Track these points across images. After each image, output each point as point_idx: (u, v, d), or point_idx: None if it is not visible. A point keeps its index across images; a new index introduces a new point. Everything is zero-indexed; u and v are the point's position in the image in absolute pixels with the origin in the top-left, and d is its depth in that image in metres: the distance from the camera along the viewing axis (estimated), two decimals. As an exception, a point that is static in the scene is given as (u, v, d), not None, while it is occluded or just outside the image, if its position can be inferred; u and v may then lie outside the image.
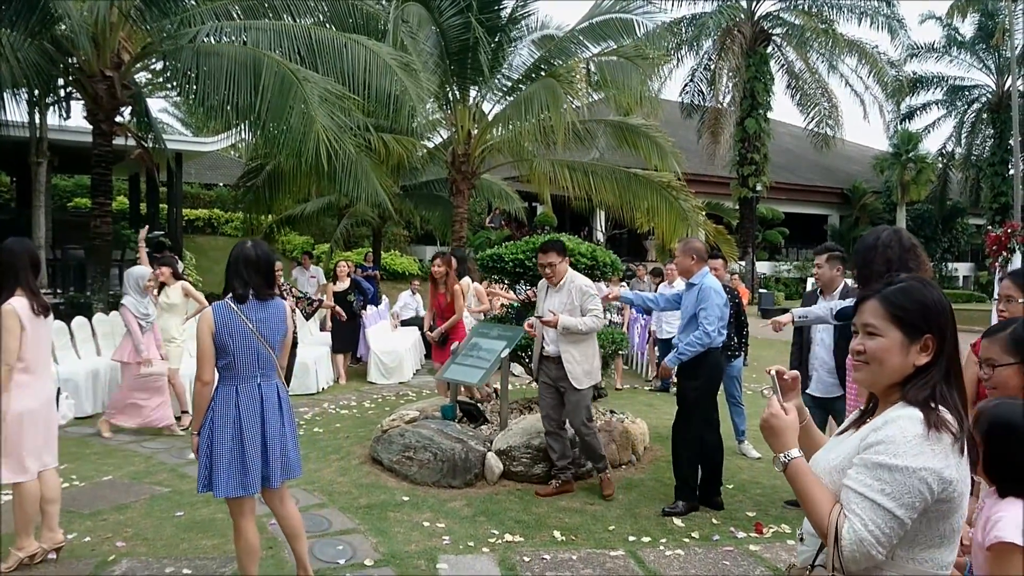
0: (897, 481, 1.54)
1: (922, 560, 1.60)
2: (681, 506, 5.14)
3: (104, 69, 10.12)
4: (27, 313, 3.94)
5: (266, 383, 3.52)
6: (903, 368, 1.67)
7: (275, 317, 3.55)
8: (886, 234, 2.89)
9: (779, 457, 1.72)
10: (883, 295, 1.72)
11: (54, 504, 4.17)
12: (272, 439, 3.48)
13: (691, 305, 5.20)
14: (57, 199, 20.92)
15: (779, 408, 1.77)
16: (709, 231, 14.35)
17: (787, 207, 29.21)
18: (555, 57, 13.29)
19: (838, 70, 24.73)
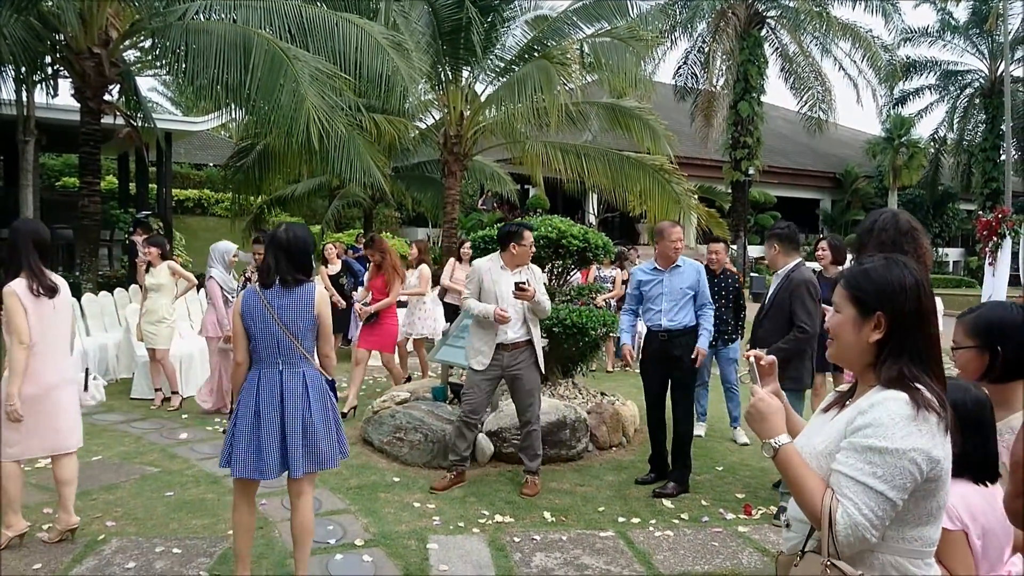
0: (888, 463, 1.56)
1: (911, 539, 1.62)
2: (672, 487, 5.17)
3: (92, 46, 10.01)
4: (27, 294, 3.91)
5: (289, 371, 3.44)
6: (858, 344, 1.71)
7: (300, 304, 3.44)
8: (883, 217, 2.87)
9: (769, 443, 1.73)
10: (846, 275, 1.79)
11: (69, 486, 4.14)
12: (292, 427, 3.39)
13: (680, 287, 5.20)
14: (45, 178, 20.75)
15: (763, 394, 1.79)
16: (701, 214, 14.34)
17: (779, 191, 29.22)
18: (548, 38, 13.22)
19: (832, 54, 24.66)
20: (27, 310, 3.89)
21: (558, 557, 4.10)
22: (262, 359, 3.46)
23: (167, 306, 7.42)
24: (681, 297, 5.20)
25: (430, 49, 12.68)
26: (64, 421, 4.13)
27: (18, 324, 3.85)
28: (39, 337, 3.97)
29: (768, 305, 4.91)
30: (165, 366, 7.42)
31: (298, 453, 3.41)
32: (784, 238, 4.88)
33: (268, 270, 3.46)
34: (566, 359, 6.85)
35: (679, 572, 3.99)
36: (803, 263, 4.93)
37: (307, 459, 3.45)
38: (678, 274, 5.23)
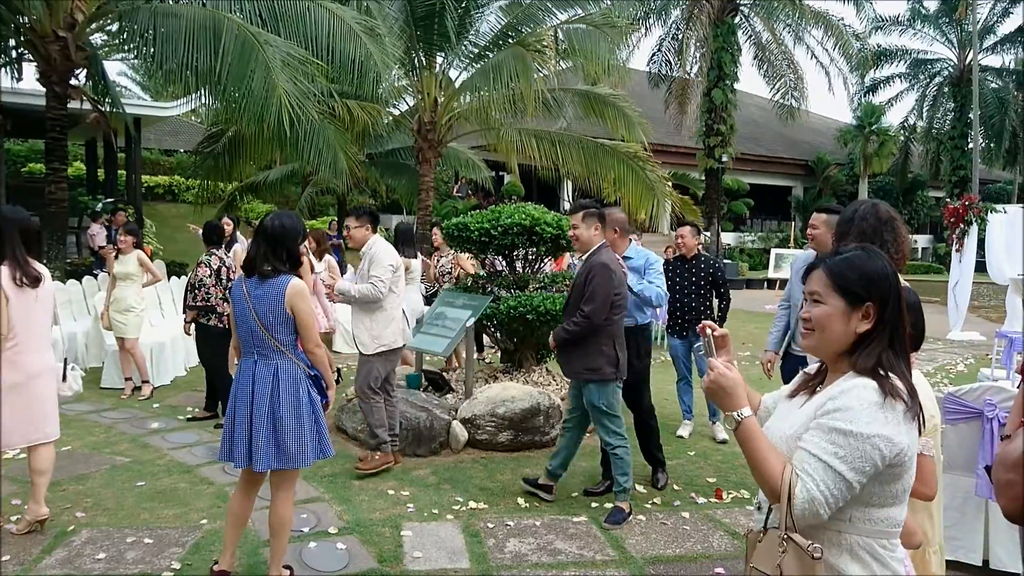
0: (851, 446, 1.60)
1: (877, 520, 1.67)
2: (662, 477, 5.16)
3: (57, 29, 9.80)
4: (9, 284, 3.86)
5: (263, 362, 3.39)
6: (846, 335, 1.72)
7: (270, 296, 3.35)
8: (863, 207, 2.91)
9: (732, 415, 1.74)
10: (827, 264, 1.78)
11: (44, 476, 4.10)
12: (258, 420, 3.34)
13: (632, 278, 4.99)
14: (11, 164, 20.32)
15: (723, 367, 1.79)
16: (675, 201, 14.40)
17: (752, 178, 29.42)
18: (523, 24, 13.16)
19: (804, 42, 24.78)
20: (9, 300, 3.84)
21: (531, 543, 4.14)
22: (242, 348, 3.48)
23: (135, 295, 7.32)
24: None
25: (403, 34, 12.56)
26: (44, 411, 4.09)
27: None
28: (22, 327, 3.92)
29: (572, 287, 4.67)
30: (135, 355, 7.34)
31: (263, 447, 3.34)
32: (603, 216, 4.57)
33: (251, 258, 3.44)
34: (540, 346, 6.87)
35: (651, 556, 4.04)
36: (607, 244, 4.60)
37: (273, 454, 3.35)
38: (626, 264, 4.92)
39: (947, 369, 9.98)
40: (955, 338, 12.75)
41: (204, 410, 6.62)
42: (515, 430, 5.70)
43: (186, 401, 7.20)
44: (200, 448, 5.69)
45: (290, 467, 3.40)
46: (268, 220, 3.47)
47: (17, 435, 4.00)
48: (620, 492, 4.53)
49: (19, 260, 3.94)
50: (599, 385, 4.47)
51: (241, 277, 3.50)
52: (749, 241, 28.91)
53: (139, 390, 7.34)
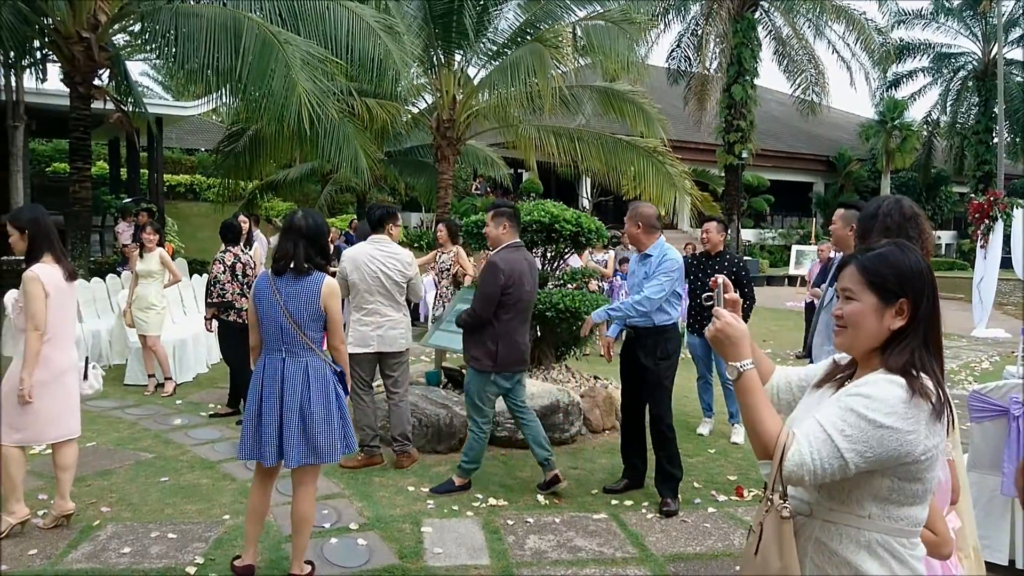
0: (861, 428, 1.57)
1: (897, 518, 1.65)
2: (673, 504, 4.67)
3: (80, 30, 9.91)
4: (53, 280, 3.95)
5: (292, 359, 3.42)
6: (879, 332, 1.69)
7: (305, 293, 3.40)
8: (887, 203, 2.86)
9: (735, 366, 1.73)
10: (860, 261, 1.74)
11: (68, 472, 4.16)
12: (289, 417, 3.38)
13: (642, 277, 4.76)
14: (35, 164, 20.58)
15: (730, 317, 1.78)
16: (696, 197, 14.33)
17: (772, 174, 29.21)
18: (541, 21, 13.15)
19: (825, 36, 24.59)
20: (50, 296, 3.91)
21: (551, 540, 4.14)
22: (268, 345, 3.47)
23: (157, 293, 7.40)
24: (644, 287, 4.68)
25: (422, 32, 12.59)
26: (70, 407, 4.17)
27: (37, 310, 3.88)
28: (56, 322, 4.00)
29: None
30: (157, 352, 7.41)
31: (294, 443, 3.39)
32: (512, 217, 4.79)
33: (284, 256, 3.44)
34: (559, 343, 6.87)
35: (671, 554, 4.03)
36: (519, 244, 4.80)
37: (304, 450, 3.41)
38: (645, 262, 4.77)
39: (972, 366, 9.87)
40: (980, 335, 12.60)
41: (226, 406, 6.68)
42: (534, 427, 5.69)
43: (208, 398, 7.27)
44: (222, 444, 5.74)
45: (321, 462, 3.48)
46: (300, 219, 3.49)
47: (47, 431, 4.06)
48: (460, 468, 4.84)
49: (61, 256, 4.05)
50: (474, 372, 4.75)
51: (266, 275, 3.50)
52: (769, 238, 28.72)
53: (162, 387, 7.42)
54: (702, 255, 6.30)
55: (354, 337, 5.15)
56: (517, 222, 4.83)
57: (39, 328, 3.88)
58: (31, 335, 3.87)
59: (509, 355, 4.70)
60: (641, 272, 4.78)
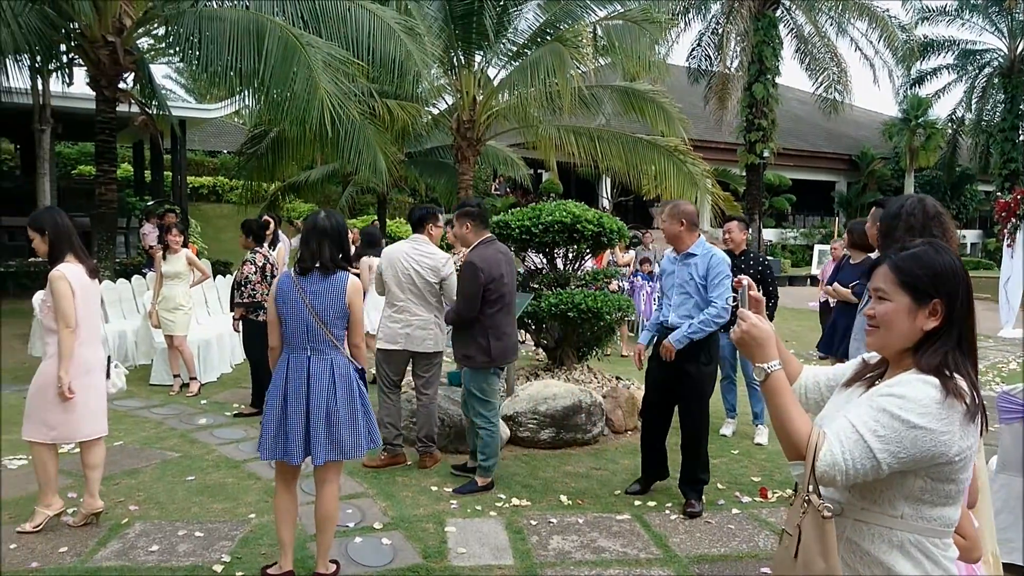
0: (894, 428, 1.56)
1: (930, 518, 1.64)
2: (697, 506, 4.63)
3: (106, 34, 10.04)
4: (78, 278, 4.01)
5: (317, 357, 3.46)
6: (912, 333, 1.67)
7: (332, 291, 3.46)
8: (910, 202, 2.83)
9: (762, 367, 1.72)
10: (893, 260, 1.72)
11: (97, 470, 4.22)
12: (315, 414, 3.41)
13: (687, 278, 4.62)
14: (61, 166, 20.87)
15: (756, 319, 1.77)
16: (717, 197, 14.26)
17: (794, 173, 28.96)
18: (561, 20, 13.13)
19: (848, 34, 24.32)
20: (76, 294, 3.98)
21: (575, 540, 4.13)
22: (292, 344, 3.50)
23: (184, 293, 7.49)
24: (691, 290, 4.58)
25: (442, 33, 12.62)
26: (99, 406, 4.23)
27: (66, 308, 3.94)
28: (83, 319, 4.07)
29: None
30: (183, 352, 7.50)
31: (320, 440, 3.42)
32: (475, 216, 4.92)
33: (309, 256, 3.48)
34: (581, 343, 6.86)
35: (696, 555, 4.01)
36: (491, 239, 4.96)
37: (330, 447, 3.45)
38: (688, 263, 4.62)
39: (999, 367, 9.73)
40: (1007, 335, 12.43)
41: (250, 406, 6.74)
42: (557, 428, 5.70)
43: (232, 397, 7.33)
44: (247, 444, 5.78)
45: (347, 458, 3.52)
46: (323, 219, 3.54)
47: (80, 428, 4.12)
48: (480, 469, 4.88)
49: (84, 254, 4.12)
50: (472, 371, 4.87)
51: (288, 275, 3.53)
52: (791, 237, 28.50)
53: (187, 387, 7.50)
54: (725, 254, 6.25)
55: (383, 333, 5.23)
56: (480, 219, 4.97)
57: (70, 325, 3.94)
58: (64, 333, 3.93)
59: (502, 348, 4.88)
60: (685, 273, 4.61)
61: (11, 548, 3.87)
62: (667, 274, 4.82)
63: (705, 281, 4.55)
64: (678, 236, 4.64)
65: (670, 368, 4.61)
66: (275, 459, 3.49)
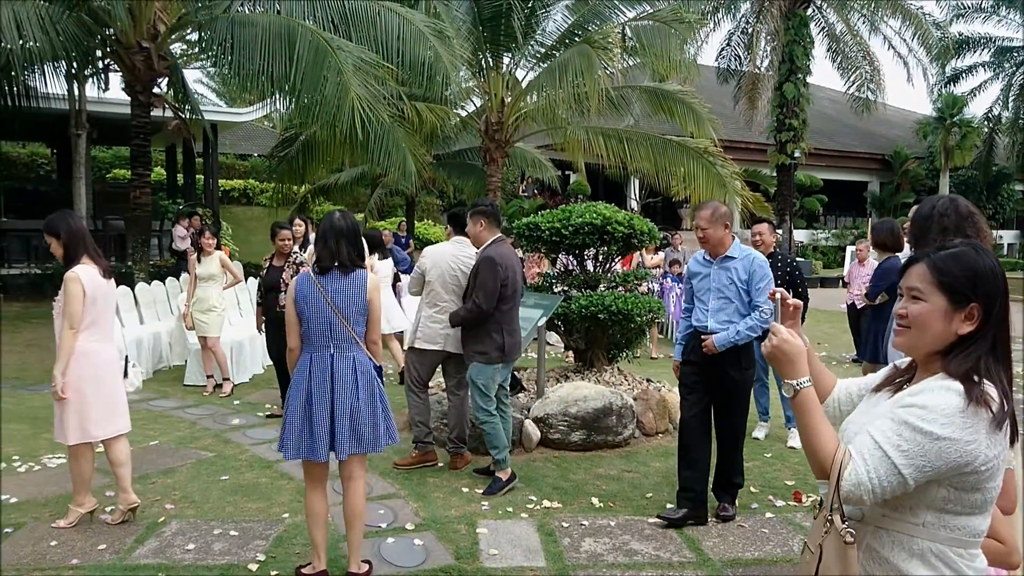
0: (917, 442, 1.51)
1: (953, 527, 1.58)
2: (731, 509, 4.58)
3: (141, 40, 10.20)
4: (92, 280, 4.08)
5: (339, 355, 3.51)
6: (945, 336, 1.61)
7: (353, 289, 3.53)
8: (941, 203, 2.77)
9: (791, 384, 1.68)
10: (932, 259, 1.65)
11: (125, 467, 4.30)
12: (340, 411, 3.47)
13: (726, 283, 4.43)
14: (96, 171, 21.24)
15: (787, 333, 1.72)
16: (747, 198, 14.13)
17: (826, 174, 28.60)
18: (590, 22, 13.11)
19: (881, 32, 24.00)
20: (87, 295, 4.04)
21: (607, 543, 4.11)
22: (314, 343, 3.52)
23: (217, 295, 7.58)
24: (731, 295, 4.40)
25: (471, 36, 12.65)
26: (119, 402, 4.30)
27: (75, 310, 4.00)
28: (97, 317, 4.14)
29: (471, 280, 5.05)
30: (216, 353, 7.59)
31: (345, 435, 3.48)
32: (489, 215, 5.05)
33: (328, 256, 3.52)
34: (611, 345, 6.84)
35: (729, 559, 3.97)
36: (502, 238, 5.10)
37: (353, 441, 3.51)
38: (727, 266, 4.43)
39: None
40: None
41: (282, 408, 6.79)
42: (587, 430, 5.68)
43: (264, 398, 7.40)
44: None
45: (369, 451, 3.59)
46: (339, 219, 3.59)
47: (100, 427, 4.19)
48: (495, 463, 4.93)
49: (97, 255, 4.19)
50: (482, 366, 4.93)
51: (306, 276, 3.56)
52: (823, 238, 28.15)
53: (220, 387, 7.59)
54: None
55: (423, 333, 5.23)
56: (494, 219, 5.10)
57: (74, 327, 4.01)
58: (67, 333, 4.00)
59: (513, 343, 5.02)
60: (724, 277, 4.42)
61: (51, 545, 3.95)
62: (700, 277, 4.58)
63: (747, 285, 4.39)
64: (721, 241, 4.42)
65: (711, 374, 4.46)
66: (299, 458, 3.51)
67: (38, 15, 8.80)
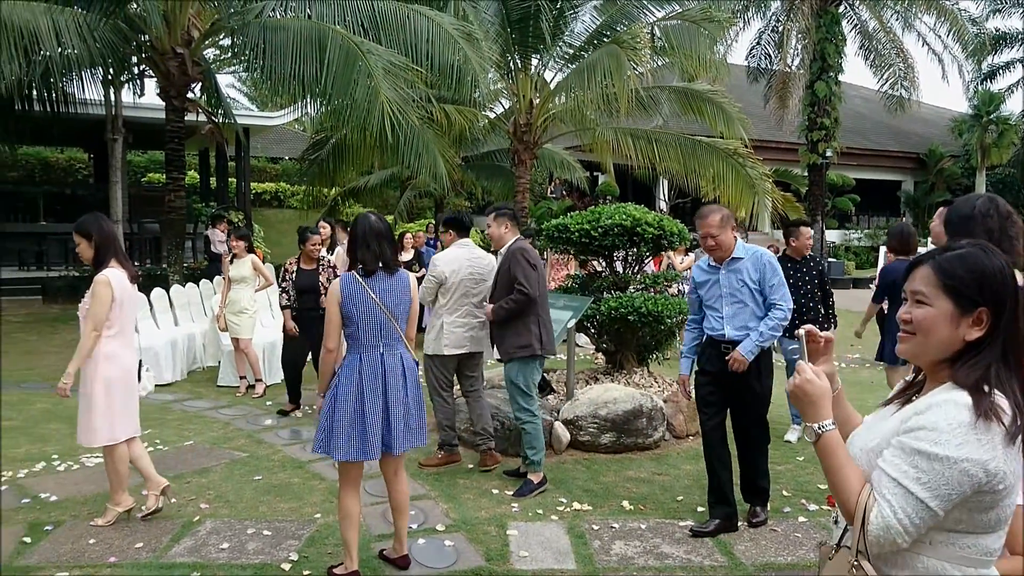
0: (935, 471, 1.43)
1: (963, 546, 1.50)
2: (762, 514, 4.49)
3: (175, 46, 10.37)
4: (121, 284, 4.16)
5: (389, 352, 3.59)
6: (951, 342, 1.52)
7: (399, 288, 3.63)
8: (981, 202, 2.67)
9: (812, 427, 1.60)
10: (937, 261, 1.55)
11: (143, 458, 4.40)
12: (395, 407, 3.55)
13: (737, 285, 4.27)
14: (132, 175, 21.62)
15: (812, 373, 1.63)
16: (777, 199, 13.99)
17: (858, 173, 28.20)
18: (618, 22, 13.08)
19: (915, 29, 23.60)
20: (115, 298, 4.12)
21: (638, 546, 4.10)
22: (363, 343, 3.56)
23: (248, 297, 7.67)
24: (746, 298, 4.26)
25: (499, 38, 12.69)
26: (136, 405, 4.40)
27: (101, 312, 4.08)
28: (124, 322, 4.23)
29: (497, 277, 5.10)
30: (249, 355, 7.68)
31: (400, 430, 3.57)
32: (513, 217, 5.21)
33: (373, 258, 3.57)
34: (641, 347, 6.81)
35: (762, 563, 3.94)
36: (522, 238, 5.21)
37: (409, 435, 3.63)
38: (736, 268, 4.28)
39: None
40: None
41: (291, 404, 6.90)
42: (617, 432, 5.66)
43: (296, 399, 7.47)
44: (311, 445, 5.88)
45: (416, 445, 3.71)
46: (376, 221, 3.64)
47: (123, 429, 4.27)
48: (531, 464, 4.91)
49: (124, 259, 4.27)
50: (524, 362, 4.93)
51: (351, 277, 3.58)
52: (855, 238, 27.76)
53: (253, 388, 7.68)
54: (786, 259, 6.16)
55: (449, 340, 5.24)
56: (517, 221, 5.27)
57: (97, 329, 4.09)
58: (89, 334, 4.08)
59: (549, 337, 5.05)
60: (734, 280, 4.26)
61: (90, 543, 4.03)
62: (708, 285, 4.39)
63: (759, 285, 4.24)
64: (730, 243, 4.27)
65: (731, 386, 4.30)
66: (351, 459, 3.50)
67: (76, 23, 8.99)
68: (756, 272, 4.24)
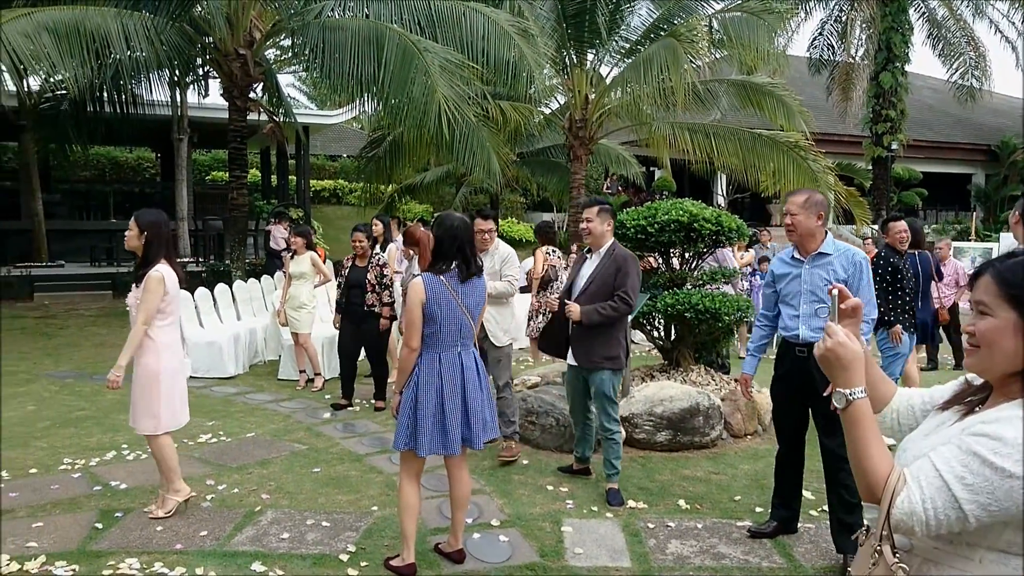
0: (985, 477, 1.34)
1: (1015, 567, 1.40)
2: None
3: (238, 47, 10.63)
4: (172, 281, 4.29)
5: (465, 351, 3.70)
6: (1018, 354, 1.42)
7: (478, 291, 3.74)
8: None
9: (843, 393, 1.50)
10: (997, 269, 1.47)
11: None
12: (473, 403, 3.66)
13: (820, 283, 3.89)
14: (196, 173, 22.23)
15: (844, 336, 1.53)
16: (840, 193, 13.64)
17: (925, 166, 27.34)
18: (675, 15, 12.93)
19: (987, 15, 22.80)
20: (168, 292, 4.25)
21: (694, 545, 4.05)
22: (443, 342, 3.62)
23: (308, 293, 7.82)
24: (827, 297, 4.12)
25: (554, 33, 12.66)
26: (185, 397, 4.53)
27: (151, 307, 4.20)
28: (178, 316, 4.41)
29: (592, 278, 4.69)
30: (308, 349, 7.83)
31: (479, 426, 3.67)
32: (614, 213, 4.93)
33: (465, 263, 3.64)
34: (699, 345, 6.72)
35: (823, 566, 3.85)
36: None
37: (484, 430, 3.72)
38: (821, 264, 3.90)
39: None
40: None
41: (344, 398, 7.02)
42: (674, 430, 5.61)
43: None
44: (368, 438, 5.99)
45: (493, 437, 3.87)
46: (460, 223, 3.69)
47: (181, 415, 4.41)
48: (615, 474, 4.75)
49: (173, 260, 4.39)
50: (614, 373, 4.72)
51: (432, 276, 3.60)
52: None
53: (312, 382, 7.82)
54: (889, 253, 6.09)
55: (504, 331, 5.48)
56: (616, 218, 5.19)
57: (147, 323, 4.21)
58: (138, 327, 4.19)
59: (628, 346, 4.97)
60: (817, 277, 3.90)
61: (157, 530, 4.16)
62: (788, 279, 4.04)
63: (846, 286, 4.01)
64: (812, 233, 3.90)
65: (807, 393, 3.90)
66: (434, 453, 3.62)
67: (144, 26, 9.28)
68: (844, 272, 3.85)
